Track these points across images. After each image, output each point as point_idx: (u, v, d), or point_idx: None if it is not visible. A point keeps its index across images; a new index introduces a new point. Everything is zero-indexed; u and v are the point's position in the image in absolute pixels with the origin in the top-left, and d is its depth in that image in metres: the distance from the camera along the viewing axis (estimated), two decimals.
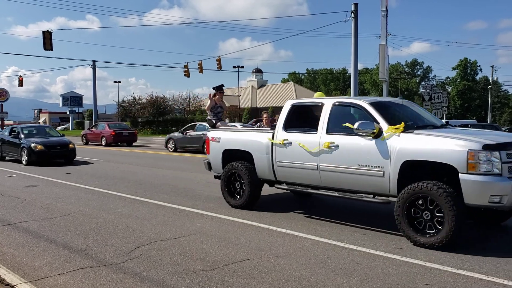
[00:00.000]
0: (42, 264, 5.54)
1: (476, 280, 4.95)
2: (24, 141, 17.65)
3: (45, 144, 17.43)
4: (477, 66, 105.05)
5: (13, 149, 18.48)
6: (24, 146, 17.44)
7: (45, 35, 33.09)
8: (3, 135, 19.94)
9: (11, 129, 20.04)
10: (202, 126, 23.90)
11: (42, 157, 17.19)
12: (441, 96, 29.22)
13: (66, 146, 17.89)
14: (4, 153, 19.45)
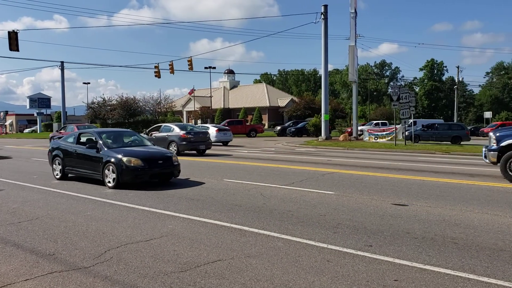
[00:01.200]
0: (8, 270, 5.40)
1: (443, 275, 5.09)
2: (107, 153, 11.92)
3: (144, 157, 11.78)
4: (443, 67, 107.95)
5: (87, 164, 12.44)
6: (109, 161, 11.66)
7: (11, 35, 32.23)
8: (66, 144, 13.52)
9: (80, 134, 13.69)
10: (167, 127, 23.85)
11: (140, 177, 11.55)
12: (409, 96, 29.82)
13: (169, 160, 12.20)
14: (69, 169, 13.16)
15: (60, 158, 13.30)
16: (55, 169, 13.54)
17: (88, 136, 13.61)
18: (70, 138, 13.73)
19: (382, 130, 35.81)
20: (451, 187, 11.39)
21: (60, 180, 13.11)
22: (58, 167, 13.45)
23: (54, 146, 13.91)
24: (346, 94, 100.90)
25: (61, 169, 13.28)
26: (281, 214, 8.24)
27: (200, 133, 23.71)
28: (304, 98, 69.20)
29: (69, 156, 13.04)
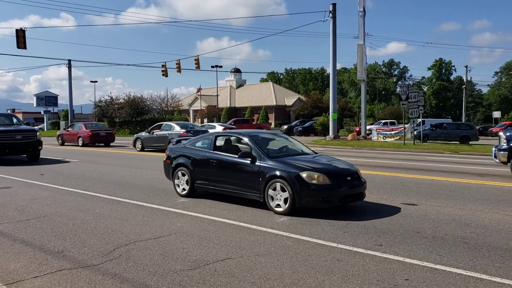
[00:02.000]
0: (17, 267, 5.40)
1: (454, 274, 5.03)
2: (271, 164, 8.42)
3: (329, 172, 8.26)
4: (451, 67, 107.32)
5: (236, 178, 8.95)
6: (276, 175, 8.20)
7: (19, 33, 32.42)
8: (195, 150, 9.99)
9: (218, 137, 10.01)
10: (168, 126, 24.19)
11: (328, 199, 8.00)
12: (418, 95, 29.66)
13: (357, 177, 8.64)
14: (202, 184, 9.64)
15: (187, 168, 9.86)
16: (180, 183, 10.04)
17: (232, 140, 10.03)
18: (201, 142, 10.16)
19: (391, 129, 35.65)
20: (461, 187, 11.29)
21: (187, 197, 9.74)
22: (183, 180, 9.95)
23: (176, 153, 10.35)
24: (354, 93, 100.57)
25: (190, 183, 9.76)
26: (288, 213, 8.18)
27: (199, 131, 24.12)
28: (311, 97, 69.02)
29: (201, 167, 9.59)
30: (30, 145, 18.23)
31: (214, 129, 33.09)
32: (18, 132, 18.09)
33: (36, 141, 18.39)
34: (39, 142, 18.55)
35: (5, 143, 17.50)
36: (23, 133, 18.18)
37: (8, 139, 17.65)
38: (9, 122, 19.52)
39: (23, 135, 18.09)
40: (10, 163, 18.19)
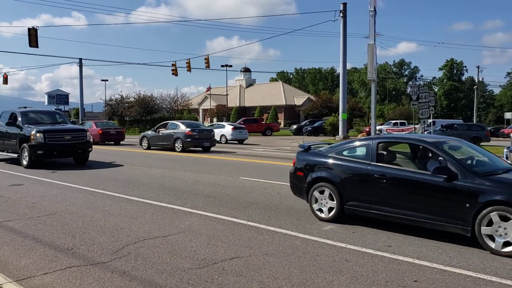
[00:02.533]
0: (27, 263, 5.45)
1: (464, 276, 4.99)
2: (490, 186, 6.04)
3: None
4: (463, 67, 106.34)
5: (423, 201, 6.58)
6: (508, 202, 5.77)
7: (31, 32, 32.69)
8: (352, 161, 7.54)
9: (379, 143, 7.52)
10: (174, 124, 24.45)
11: None
12: (428, 95, 29.44)
13: None
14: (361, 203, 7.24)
15: (333, 185, 7.49)
16: (320, 204, 7.68)
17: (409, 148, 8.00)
18: (352, 150, 7.76)
19: (401, 130, 35.48)
20: None
21: (331, 222, 7.47)
22: (325, 200, 7.61)
23: (313, 163, 7.97)
24: (364, 93, 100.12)
25: (338, 205, 7.38)
26: (298, 213, 8.18)
27: (204, 130, 24.63)
28: (321, 96, 68.80)
29: (358, 184, 7.26)
30: (80, 147, 15.98)
31: (223, 128, 33.13)
32: (67, 132, 15.83)
33: (86, 142, 16.22)
34: (89, 143, 16.41)
35: (52, 144, 15.22)
36: (73, 133, 15.92)
37: (56, 139, 15.37)
38: (53, 120, 17.15)
39: (73, 135, 15.82)
40: None
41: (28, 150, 15.01)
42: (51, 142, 15.17)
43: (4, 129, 16.57)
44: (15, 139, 15.75)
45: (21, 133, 15.50)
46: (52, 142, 15.23)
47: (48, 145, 15.10)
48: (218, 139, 31.34)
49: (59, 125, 16.66)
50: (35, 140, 14.88)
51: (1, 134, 16.74)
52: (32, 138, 14.87)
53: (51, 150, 15.28)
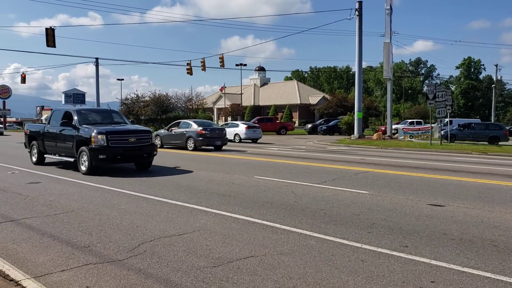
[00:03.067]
0: (45, 260, 5.52)
1: (482, 278, 4.91)
2: None
3: None
4: (480, 65, 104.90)
5: None
6: None
7: (48, 32, 33.12)
8: None
9: None
10: (186, 123, 24.70)
11: None
12: (445, 94, 29.13)
13: None
14: None
15: None
16: None
17: None
18: None
19: (418, 129, 35.12)
20: (490, 188, 11.02)
21: None
22: None
23: None
24: (380, 92, 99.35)
25: None
26: (313, 213, 8.15)
27: (216, 129, 24.88)
28: (336, 95, 68.44)
29: None
30: (146, 150, 13.96)
31: (237, 127, 33.19)
32: (131, 134, 13.78)
33: (152, 145, 14.28)
34: (154, 146, 14.46)
35: (116, 147, 13.18)
36: (138, 135, 13.84)
37: (120, 142, 13.35)
38: (111, 119, 15.21)
39: (138, 136, 13.76)
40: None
41: (87, 154, 13.01)
42: (114, 145, 13.09)
43: (56, 130, 14.77)
44: (71, 142, 13.90)
45: (78, 134, 13.58)
46: (116, 145, 13.15)
47: (111, 148, 13.05)
48: (232, 138, 31.46)
49: (120, 125, 14.69)
50: (97, 142, 12.90)
51: (53, 136, 14.93)
52: (92, 140, 12.92)
53: (115, 155, 13.16)
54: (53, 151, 15.12)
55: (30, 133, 16.58)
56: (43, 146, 15.45)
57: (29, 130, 16.79)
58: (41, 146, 15.58)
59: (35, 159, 16.06)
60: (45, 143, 15.27)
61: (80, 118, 14.18)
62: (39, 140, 15.66)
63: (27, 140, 16.72)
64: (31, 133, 16.49)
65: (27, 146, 16.71)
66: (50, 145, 15.04)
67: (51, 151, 15.15)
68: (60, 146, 14.54)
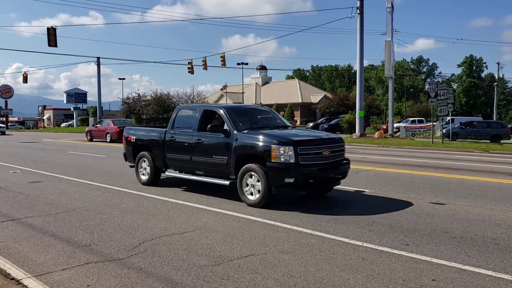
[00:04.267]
0: (46, 259, 5.53)
1: (483, 276, 4.90)
2: None
3: None
4: (482, 63, 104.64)
5: None
6: None
7: (50, 31, 33.16)
8: None
9: None
10: None
11: None
12: (447, 93, 29.06)
13: None
14: None
15: None
16: None
17: None
18: None
19: (420, 127, 35.09)
20: (491, 186, 11.00)
21: None
22: None
23: None
24: (382, 90, 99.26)
25: None
26: (314, 211, 8.14)
27: None
28: (337, 94, 68.36)
29: None
30: (342, 170, 9.15)
31: None
32: (325, 144, 8.83)
33: (347, 162, 9.37)
34: (349, 164, 9.44)
35: (309, 165, 8.38)
36: (332, 145, 8.93)
37: (313, 158, 8.51)
38: (272, 123, 10.39)
39: (332, 148, 8.88)
40: (39, 157, 18.58)
41: (262, 175, 8.27)
42: (306, 161, 8.35)
43: (191, 137, 9.95)
44: (223, 155, 9.10)
45: (241, 145, 8.82)
46: (308, 161, 8.39)
47: (303, 167, 8.26)
48: None
49: (291, 130, 10.00)
50: (280, 158, 8.16)
51: (184, 146, 10.06)
52: (273, 154, 8.19)
53: (307, 177, 8.35)
54: (182, 167, 10.39)
55: (138, 141, 11.59)
56: (162, 159, 10.71)
57: (136, 136, 11.73)
58: (158, 160, 10.86)
59: (146, 178, 11.23)
60: (168, 156, 10.52)
61: (236, 120, 9.49)
62: (157, 151, 10.85)
63: (130, 151, 11.89)
64: (141, 141, 11.53)
65: (130, 160, 12.00)
66: (178, 159, 10.30)
67: (179, 167, 10.48)
68: (199, 161, 9.72)
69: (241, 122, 9.58)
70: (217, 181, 9.40)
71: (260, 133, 8.97)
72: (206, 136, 9.61)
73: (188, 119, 10.43)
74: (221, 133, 9.24)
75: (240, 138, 8.93)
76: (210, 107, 10.57)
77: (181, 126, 10.43)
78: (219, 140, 9.28)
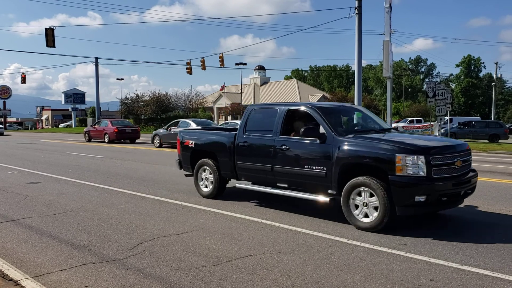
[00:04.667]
0: (44, 259, 5.53)
1: (481, 276, 4.91)
2: None
3: None
4: (480, 63, 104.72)
5: None
6: None
7: (48, 32, 33.11)
8: None
9: None
10: (185, 123, 24.96)
11: None
12: (445, 92, 29.10)
13: None
14: None
15: None
16: None
17: None
18: None
19: (418, 127, 35.16)
20: (489, 186, 11.02)
21: None
22: None
23: None
24: (380, 90, 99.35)
25: None
26: (312, 211, 8.15)
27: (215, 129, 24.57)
28: (336, 94, 68.42)
29: None
30: (473, 183, 7.49)
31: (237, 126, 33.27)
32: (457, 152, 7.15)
33: (475, 172, 7.74)
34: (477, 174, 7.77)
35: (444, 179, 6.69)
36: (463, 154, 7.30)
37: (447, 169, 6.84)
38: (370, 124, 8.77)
39: (463, 157, 7.25)
40: (37, 158, 18.58)
41: (383, 192, 6.64)
42: (439, 175, 6.69)
43: (275, 143, 8.14)
44: (322, 165, 7.42)
45: (347, 153, 7.13)
46: (442, 174, 6.74)
47: (435, 181, 6.57)
48: None
49: (409, 135, 9.09)
50: (407, 169, 6.56)
51: (262, 152, 8.39)
52: (399, 166, 6.56)
53: (441, 194, 6.64)
54: (258, 178, 8.67)
55: (198, 146, 9.76)
56: (231, 168, 8.96)
57: (194, 140, 9.85)
58: (225, 169, 9.10)
59: (209, 190, 9.48)
60: (239, 164, 8.76)
61: (333, 122, 7.84)
62: (224, 159, 9.07)
63: (187, 158, 10.07)
64: (201, 146, 9.71)
65: (187, 168, 10.22)
66: (253, 169, 8.55)
67: (254, 178, 8.78)
68: (284, 172, 8.03)
69: (339, 124, 8.15)
70: (310, 197, 7.76)
71: (373, 138, 7.32)
72: (294, 141, 7.93)
73: (265, 121, 8.68)
74: (317, 138, 7.54)
75: (345, 144, 7.20)
76: (296, 105, 8.57)
77: (255, 129, 8.70)
78: (313, 146, 7.60)
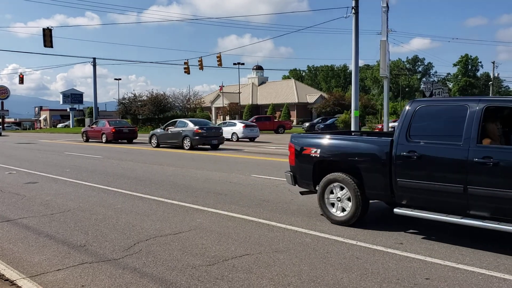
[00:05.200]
0: (41, 259, 5.53)
1: (477, 274, 4.93)
2: None
3: None
4: (478, 62, 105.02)
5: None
6: None
7: (45, 32, 33.07)
8: None
9: None
10: (182, 122, 24.89)
11: None
12: (442, 92, 29.20)
13: None
14: None
15: None
16: None
17: None
18: None
19: None
20: None
21: None
22: None
23: None
24: (377, 90, 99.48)
25: None
26: (309, 210, 8.17)
27: (212, 128, 25.05)
28: (333, 94, 68.53)
29: None
30: None
31: (235, 126, 33.22)
32: None
33: None
34: None
35: None
36: None
37: None
38: None
39: None
40: (35, 158, 18.56)
41: None
42: None
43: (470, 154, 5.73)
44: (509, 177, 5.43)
45: None
46: None
47: None
48: (229, 137, 31.52)
49: None
50: None
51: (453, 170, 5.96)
52: None
53: None
54: (434, 202, 6.22)
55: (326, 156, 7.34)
56: (385, 187, 6.63)
57: (321, 148, 7.37)
58: (374, 188, 6.81)
59: (347, 214, 7.00)
60: (401, 183, 6.40)
61: None
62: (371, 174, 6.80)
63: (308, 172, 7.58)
64: (331, 156, 7.32)
65: (306, 184, 7.80)
66: (428, 189, 6.15)
67: (429, 202, 6.29)
68: (488, 195, 5.65)
69: None
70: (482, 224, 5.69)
71: None
72: (503, 151, 5.72)
73: (445, 123, 6.37)
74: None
75: None
76: (500, 101, 6.42)
77: (428, 133, 6.41)
78: None
